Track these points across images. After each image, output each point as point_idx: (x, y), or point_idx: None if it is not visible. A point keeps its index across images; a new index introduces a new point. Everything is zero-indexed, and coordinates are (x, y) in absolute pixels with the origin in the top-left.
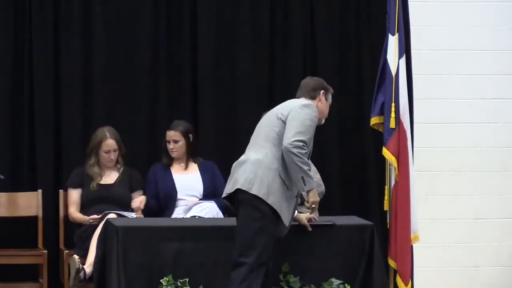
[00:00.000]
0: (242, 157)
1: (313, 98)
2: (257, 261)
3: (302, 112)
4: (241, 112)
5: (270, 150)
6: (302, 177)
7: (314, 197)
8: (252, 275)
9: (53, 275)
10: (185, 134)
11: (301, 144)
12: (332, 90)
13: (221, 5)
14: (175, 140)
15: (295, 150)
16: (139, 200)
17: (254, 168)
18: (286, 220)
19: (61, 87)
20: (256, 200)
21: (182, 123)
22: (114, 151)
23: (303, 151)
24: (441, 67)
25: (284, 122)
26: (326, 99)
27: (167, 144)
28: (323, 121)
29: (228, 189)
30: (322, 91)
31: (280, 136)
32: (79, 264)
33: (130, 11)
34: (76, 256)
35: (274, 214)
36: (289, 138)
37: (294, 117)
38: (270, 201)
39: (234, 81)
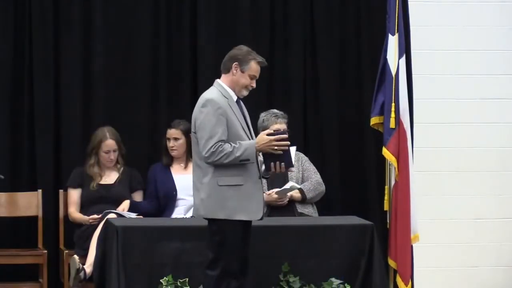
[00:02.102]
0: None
1: (227, 71)
2: (223, 273)
3: (201, 116)
4: None
5: (206, 168)
6: (240, 161)
7: (260, 147)
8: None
9: (53, 275)
10: (185, 133)
11: (211, 150)
12: (258, 59)
13: (221, 5)
14: (176, 137)
15: (212, 160)
16: (121, 208)
17: (197, 192)
18: (254, 215)
19: (61, 87)
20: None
21: (183, 122)
22: (114, 151)
23: (219, 150)
24: (441, 67)
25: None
26: (243, 71)
27: (167, 142)
28: (245, 92)
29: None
30: (235, 63)
31: None
32: (79, 264)
33: (130, 11)
34: (76, 256)
35: (234, 221)
36: (202, 153)
37: (198, 127)
38: (222, 215)
39: None
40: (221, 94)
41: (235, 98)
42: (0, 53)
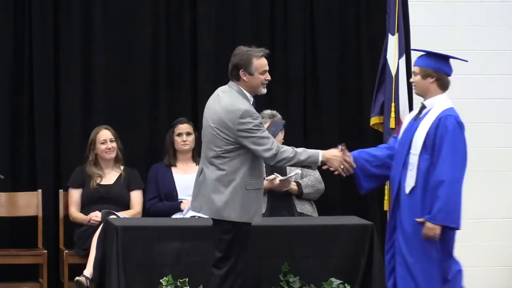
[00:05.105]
0: (201, 176)
1: (237, 79)
2: (229, 272)
3: (246, 128)
4: None
5: (233, 172)
6: (304, 166)
7: (326, 156)
8: (224, 286)
9: (53, 275)
10: (195, 129)
11: (275, 158)
12: (258, 54)
13: (221, 5)
14: (189, 132)
15: (278, 163)
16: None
17: (219, 195)
18: (258, 218)
19: (61, 87)
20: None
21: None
22: (111, 141)
23: (281, 157)
24: None
25: (227, 138)
26: (251, 73)
27: (177, 137)
28: (263, 89)
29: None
30: (240, 70)
31: (228, 151)
32: (87, 283)
33: (130, 11)
34: (81, 278)
35: (242, 222)
36: (265, 154)
37: (246, 137)
38: (232, 217)
39: None
40: (248, 103)
41: (251, 101)
42: (0, 53)
